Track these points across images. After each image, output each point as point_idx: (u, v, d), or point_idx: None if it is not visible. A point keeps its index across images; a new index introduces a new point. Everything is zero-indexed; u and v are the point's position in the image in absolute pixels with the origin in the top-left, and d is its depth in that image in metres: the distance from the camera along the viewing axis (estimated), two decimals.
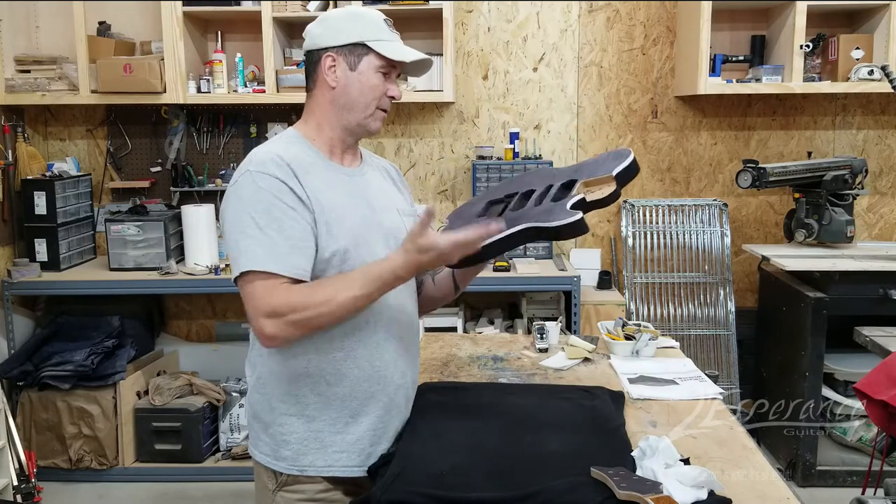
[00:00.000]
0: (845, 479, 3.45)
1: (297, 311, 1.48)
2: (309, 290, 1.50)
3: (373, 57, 1.62)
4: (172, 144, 3.97)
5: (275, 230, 1.52)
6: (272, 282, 1.50)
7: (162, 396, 3.66)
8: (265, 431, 1.66)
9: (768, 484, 1.49)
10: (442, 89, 3.74)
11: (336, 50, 1.63)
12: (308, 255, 1.54)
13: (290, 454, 1.63)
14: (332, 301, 1.49)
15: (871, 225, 4.08)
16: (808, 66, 3.71)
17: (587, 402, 1.83)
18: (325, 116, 1.67)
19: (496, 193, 1.74)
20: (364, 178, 1.72)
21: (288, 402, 1.63)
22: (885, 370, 1.95)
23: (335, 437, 1.63)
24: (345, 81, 1.63)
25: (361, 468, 1.64)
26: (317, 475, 1.63)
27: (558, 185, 1.61)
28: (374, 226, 1.65)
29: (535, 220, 1.53)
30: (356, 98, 1.63)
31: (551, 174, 1.68)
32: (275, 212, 1.53)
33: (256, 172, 1.55)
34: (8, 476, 3.21)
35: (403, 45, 1.67)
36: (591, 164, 1.62)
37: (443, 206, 4.09)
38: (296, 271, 1.52)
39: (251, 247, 1.52)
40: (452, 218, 1.78)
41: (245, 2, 3.66)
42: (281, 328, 1.49)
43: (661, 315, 3.96)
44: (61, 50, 3.84)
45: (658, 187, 4.08)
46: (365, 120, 1.65)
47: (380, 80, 1.63)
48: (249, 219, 1.53)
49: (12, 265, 3.62)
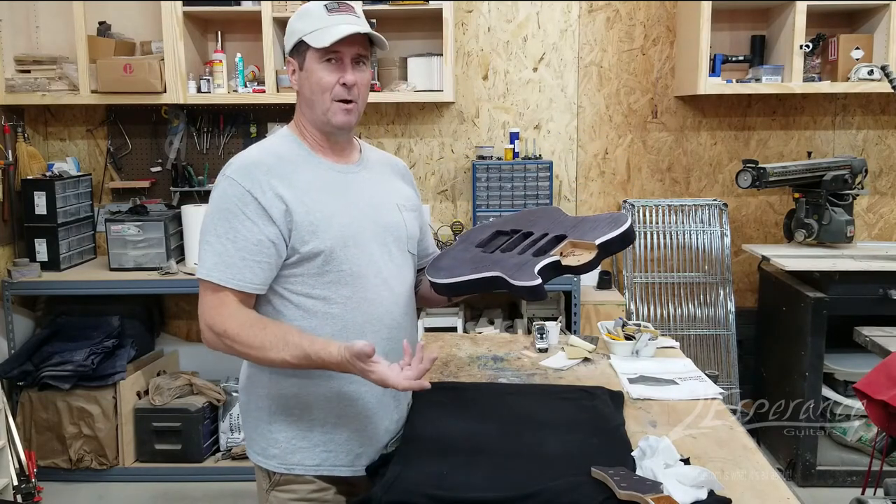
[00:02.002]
0: (845, 479, 3.45)
1: (229, 338, 1.52)
2: (248, 327, 1.52)
3: (312, 51, 1.61)
4: (172, 144, 3.97)
5: (230, 240, 1.54)
6: (220, 295, 1.54)
7: (162, 396, 3.66)
8: (255, 430, 1.67)
9: (768, 484, 1.49)
10: (442, 89, 3.74)
11: (291, 54, 1.66)
12: (262, 268, 1.56)
13: (278, 453, 1.64)
14: (262, 350, 1.51)
15: (871, 225, 4.09)
16: (808, 66, 3.71)
17: (587, 402, 1.83)
18: (301, 118, 1.70)
19: (506, 225, 1.82)
20: (359, 175, 1.72)
21: (277, 402, 1.64)
22: (885, 370, 1.95)
23: (323, 437, 1.64)
24: (300, 82, 1.66)
25: (350, 468, 1.65)
26: (305, 474, 1.63)
27: (550, 237, 1.67)
28: (368, 224, 1.65)
29: (506, 270, 1.58)
30: (310, 96, 1.64)
31: (555, 220, 1.74)
32: (234, 221, 1.54)
33: (229, 178, 1.58)
34: (8, 476, 3.21)
35: (344, 24, 1.59)
36: (589, 224, 1.67)
37: (443, 206, 4.09)
38: (243, 285, 1.54)
39: (206, 254, 1.56)
40: (461, 238, 1.83)
41: (245, 2, 3.66)
42: (215, 342, 1.55)
43: (661, 315, 3.96)
44: (61, 50, 3.84)
45: (658, 187, 4.08)
46: (325, 115, 1.64)
47: (327, 72, 1.60)
48: (211, 225, 1.57)
49: (12, 265, 3.62)
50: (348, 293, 1.61)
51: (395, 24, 3.86)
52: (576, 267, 1.59)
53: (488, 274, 1.60)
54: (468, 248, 1.76)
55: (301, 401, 1.63)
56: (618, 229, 1.60)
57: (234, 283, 1.53)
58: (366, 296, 1.62)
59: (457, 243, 1.82)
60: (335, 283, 1.60)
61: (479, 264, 1.65)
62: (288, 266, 1.59)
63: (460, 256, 1.72)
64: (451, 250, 1.78)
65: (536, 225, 1.74)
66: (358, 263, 1.62)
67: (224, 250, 1.54)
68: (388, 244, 1.69)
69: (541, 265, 1.55)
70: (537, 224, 1.74)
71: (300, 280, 1.60)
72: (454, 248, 1.79)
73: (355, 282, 1.61)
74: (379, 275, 1.65)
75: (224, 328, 1.52)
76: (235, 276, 1.53)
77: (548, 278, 1.56)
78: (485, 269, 1.61)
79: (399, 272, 1.71)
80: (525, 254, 1.63)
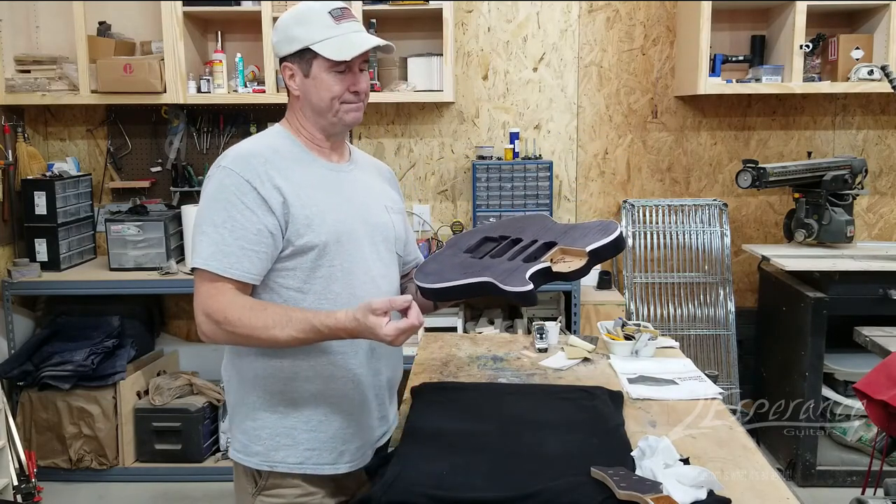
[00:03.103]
0: (845, 479, 3.45)
1: (230, 324, 1.50)
2: (249, 310, 1.50)
3: (321, 60, 1.59)
4: (172, 144, 3.97)
5: (227, 230, 1.53)
6: (217, 284, 1.52)
7: (162, 396, 3.66)
8: (239, 427, 1.67)
9: (768, 484, 1.49)
10: (442, 89, 3.74)
11: (290, 59, 1.63)
12: (260, 258, 1.55)
13: (261, 449, 1.64)
14: (266, 331, 1.49)
15: (871, 225, 4.08)
16: (808, 66, 3.71)
17: (587, 401, 1.83)
18: (300, 120, 1.69)
19: (494, 231, 1.81)
20: (351, 173, 1.73)
21: (262, 398, 1.64)
22: (885, 370, 1.95)
23: (308, 435, 1.64)
24: (304, 89, 1.64)
25: (333, 465, 1.65)
26: (288, 472, 1.63)
27: (540, 243, 1.66)
28: (359, 222, 1.66)
29: (497, 276, 1.58)
30: (317, 103, 1.63)
31: (545, 227, 1.74)
32: (232, 211, 1.53)
33: (225, 168, 1.57)
34: (8, 476, 3.21)
35: (355, 32, 1.61)
36: (579, 231, 1.67)
37: (443, 206, 4.09)
38: (241, 274, 1.53)
39: (202, 243, 1.54)
40: (449, 243, 1.83)
41: (245, 2, 3.66)
42: (214, 331, 1.52)
43: (661, 315, 3.96)
44: (61, 50, 3.83)
45: (658, 187, 4.08)
46: (334, 118, 1.64)
47: (336, 80, 1.61)
48: (208, 215, 1.55)
49: (12, 265, 3.62)
50: (338, 289, 1.61)
51: (395, 24, 3.86)
52: (566, 273, 1.59)
53: (478, 279, 1.59)
54: (456, 253, 1.75)
55: (286, 398, 1.63)
56: (608, 237, 1.60)
57: (231, 272, 1.52)
58: (355, 293, 1.63)
59: (444, 248, 1.81)
60: (326, 278, 1.60)
61: (469, 269, 1.65)
62: (281, 259, 1.59)
63: (449, 261, 1.72)
64: (439, 255, 1.77)
65: (525, 232, 1.74)
66: (349, 260, 1.62)
67: (221, 239, 1.52)
68: (378, 243, 1.70)
69: (532, 271, 1.55)
70: (526, 231, 1.74)
71: (292, 274, 1.59)
72: (442, 252, 1.79)
73: (346, 278, 1.62)
74: (368, 273, 1.66)
75: (224, 315, 1.50)
76: (234, 265, 1.52)
77: (538, 285, 1.56)
78: (475, 275, 1.61)
79: (387, 272, 1.73)
80: (515, 259, 1.63)
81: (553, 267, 1.59)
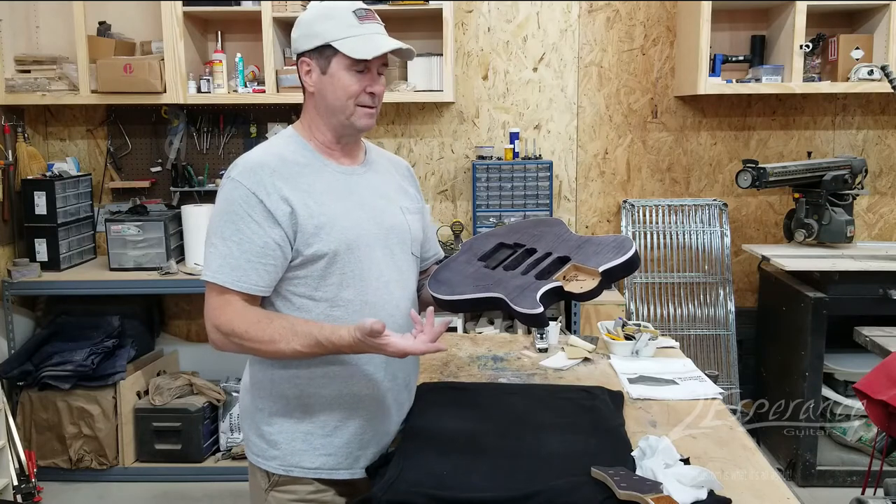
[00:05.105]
0: (845, 479, 3.45)
1: (238, 336, 1.52)
2: (256, 323, 1.52)
3: (341, 57, 1.59)
4: (172, 144, 3.97)
5: (235, 243, 1.54)
6: (226, 297, 1.54)
7: (162, 396, 3.66)
8: (256, 432, 1.67)
9: (768, 484, 1.49)
10: (442, 89, 3.74)
11: (309, 55, 1.62)
12: (267, 270, 1.55)
13: (279, 454, 1.64)
14: (272, 344, 1.51)
15: (871, 225, 4.09)
16: (808, 66, 3.71)
17: (587, 402, 1.83)
18: (313, 119, 1.68)
19: (510, 236, 1.80)
20: (364, 176, 1.71)
21: (278, 403, 1.64)
22: (885, 370, 1.95)
23: (324, 440, 1.63)
24: (320, 85, 1.63)
25: (349, 470, 1.65)
26: (304, 476, 1.63)
27: (554, 258, 1.66)
28: (372, 226, 1.65)
29: (508, 292, 1.58)
30: (332, 101, 1.62)
31: (559, 237, 1.73)
32: (239, 224, 1.54)
33: (234, 180, 1.58)
34: (8, 476, 3.22)
35: (377, 34, 1.62)
36: (593, 247, 1.65)
37: (443, 206, 4.09)
38: (248, 287, 1.54)
39: (212, 256, 1.56)
40: (465, 248, 1.83)
41: (245, 2, 3.66)
42: (224, 343, 1.55)
43: (661, 315, 3.96)
44: (61, 50, 3.84)
45: (658, 187, 4.08)
46: (348, 120, 1.64)
47: (354, 80, 1.60)
48: (217, 228, 1.57)
49: (12, 265, 3.62)
50: (350, 296, 1.61)
51: (395, 24, 3.86)
52: (578, 294, 1.58)
53: (490, 294, 1.60)
54: (471, 259, 1.75)
55: (303, 403, 1.63)
56: (622, 256, 1.58)
57: (239, 285, 1.53)
58: (367, 299, 1.62)
59: (459, 253, 1.81)
60: (338, 285, 1.60)
61: (481, 282, 1.65)
62: (292, 268, 1.59)
63: (463, 270, 1.71)
64: (454, 262, 1.76)
65: (540, 241, 1.73)
66: (361, 266, 1.61)
67: (229, 252, 1.53)
68: (392, 247, 1.68)
69: (543, 291, 1.55)
70: (541, 240, 1.73)
71: (303, 282, 1.59)
72: (457, 258, 1.78)
73: (358, 284, 1.61)
74: (381, 278, 1.65)
75: (231, 328, 1.52)
76: (241, 278, 1.53)
77: (549, 304, 1.55)
78: (486, 290, 1.62)
79: (401, 276, 1.71)
80: (528, 275, 1.62)
81: (565, 286, 1.58)
